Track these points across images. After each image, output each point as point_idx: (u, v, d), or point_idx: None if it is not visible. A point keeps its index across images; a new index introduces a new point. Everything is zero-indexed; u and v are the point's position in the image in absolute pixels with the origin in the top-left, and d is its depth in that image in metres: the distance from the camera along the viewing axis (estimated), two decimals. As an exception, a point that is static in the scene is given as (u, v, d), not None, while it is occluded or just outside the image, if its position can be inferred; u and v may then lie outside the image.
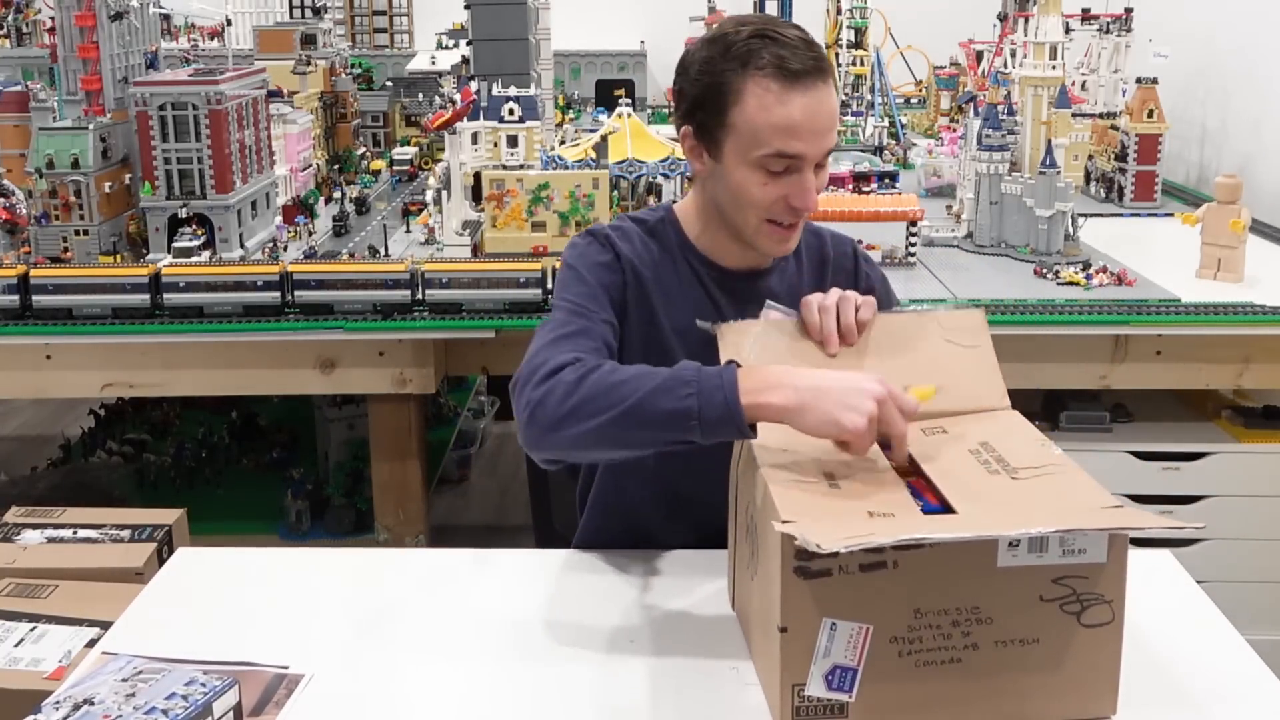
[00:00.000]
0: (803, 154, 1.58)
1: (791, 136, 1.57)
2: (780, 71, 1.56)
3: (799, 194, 1.61)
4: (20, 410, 4.84)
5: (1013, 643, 1.24)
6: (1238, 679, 1.38)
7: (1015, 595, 1.24)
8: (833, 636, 1.23)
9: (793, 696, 1.25)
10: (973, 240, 3.32)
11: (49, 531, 2.41)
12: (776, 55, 1.57)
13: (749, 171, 1.61)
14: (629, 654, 1.43)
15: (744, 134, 1.59)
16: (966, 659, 1.24)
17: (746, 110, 1.58)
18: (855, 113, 4.72)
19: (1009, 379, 1.54)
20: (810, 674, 1.24)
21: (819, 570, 1.21)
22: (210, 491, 3.76)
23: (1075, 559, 1.23)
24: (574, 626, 1.50)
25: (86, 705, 1.21)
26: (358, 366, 2.93)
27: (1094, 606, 1.25)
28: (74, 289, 2.85)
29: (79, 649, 2.00)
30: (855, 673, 1.23)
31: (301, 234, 3.45)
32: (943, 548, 1.21)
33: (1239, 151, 4.09)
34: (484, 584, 1.62)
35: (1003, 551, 1.22)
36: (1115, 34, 4.26)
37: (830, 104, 1.60)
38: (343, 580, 1.65)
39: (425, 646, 1.47)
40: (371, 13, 5.68)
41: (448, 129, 3.33)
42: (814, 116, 1.57)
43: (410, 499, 3.14)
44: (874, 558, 1.21)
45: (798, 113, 1.56)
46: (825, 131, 1.60)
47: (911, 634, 1.23)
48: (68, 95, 3.24)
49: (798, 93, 1.56)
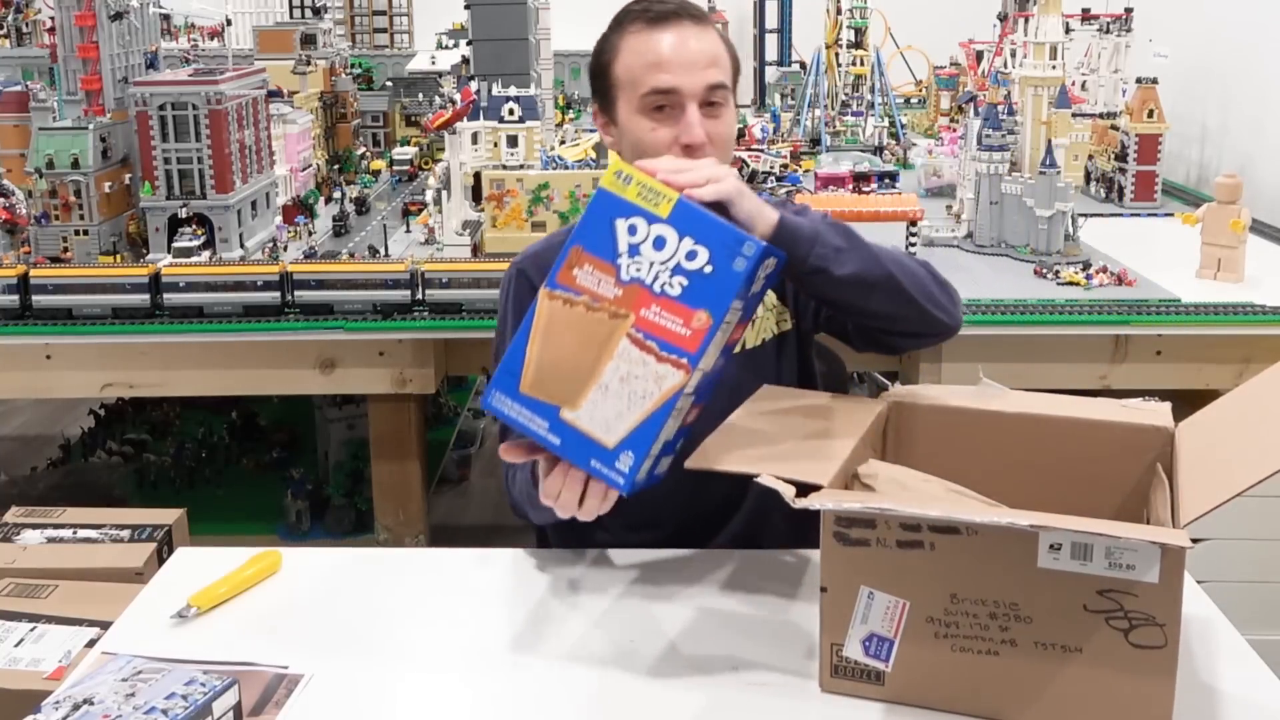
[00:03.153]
0: (676, 86, 1.64)
1: (661, 70, 1.64)
2: (645, 16, 1.68)
3: (685, 130, 1.64)
4: (20, 410, 4.84)
5: (1054, 647, 1.22)
6: (1238, 679, 1.38)
7: (1056, 599, 1.21)
8: (870, 605, 1.26)
9: (831, 654, 1.29)
10: (973, 240, 3.32)
11: (49, 531, 2.41)
12: (644, 7, 1.68)
13: (639, 119, 1.67)
14: (629, 654, 1.43)
15: (625, 83, 1.68)
16: (1005, 654, 1.23)
17: (623, 60, 1.69)
18: (855, 113, 4.72)
19: (1010, 379, 1.53)
20: (848, 636, 1.27)
21: (857, 539, 1.25)
22: (210, 491, 3.77)
23: (1123, 574, 1.18)
24: (574, 626, 1.49)
25: (86, 705, 1.21)
26: (358, 366, 2.93)
27: (1143, 627, 1.19)
28: (74, 289, 2.85)
29: (79, 649, 2.00)
30: (892, 644, 1.26)
31: (301, 234, 3.46)
32: (981, 538, 1.21)
33: (1239, 151, 4.09)
34: (484, 584, 1.62)
35: (1043, 553, 1.20)
36: (1115, 34, 4.26)
37: (701, 42, 1.66)
38: (343, 580, 1.65)
39: (425, 646, 1.47)
40: (371, 13, 5.68)
41: (448, 129, 3.34)
42: (680, 49, 1.65)
43: (410, 499, 3.14)
44: (911, 536, 1.23)
45: (664, 47, 1.65)
46: (696, 65, 1.65)
47: (949, 617, 1.24)
48: (68, 95, 3.24)
49: (663, 31, 1.66)
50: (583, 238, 1.32)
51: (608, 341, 1.30)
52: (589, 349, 1.31)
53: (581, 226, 1.33)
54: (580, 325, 1.31)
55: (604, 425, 1.30)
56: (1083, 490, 1.48)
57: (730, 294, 1.28)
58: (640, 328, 1.29)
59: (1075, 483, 1.49)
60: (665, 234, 1.30)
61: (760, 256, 1.29)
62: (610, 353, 1.30)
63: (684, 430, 1.36)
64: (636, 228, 1.31)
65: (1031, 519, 1.17)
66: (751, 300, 1.35)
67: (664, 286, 1.29)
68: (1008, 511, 1.21)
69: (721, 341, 1.32)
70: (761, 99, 5.43)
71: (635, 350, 1.29)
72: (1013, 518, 1.18)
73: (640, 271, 1.30)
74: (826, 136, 4.56)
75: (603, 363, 1.30)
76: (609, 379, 1.30)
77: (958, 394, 1.56)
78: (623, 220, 1.31)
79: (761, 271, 1.32)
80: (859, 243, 1.55)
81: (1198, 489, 1.29)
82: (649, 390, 1.29)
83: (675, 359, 1.28)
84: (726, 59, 1.71)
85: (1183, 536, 1.16)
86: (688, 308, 1.29)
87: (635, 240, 1.30)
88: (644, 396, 1.29)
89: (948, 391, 1.57)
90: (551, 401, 1.32)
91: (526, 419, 1.33)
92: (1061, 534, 1.18)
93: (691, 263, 1.29)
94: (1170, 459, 1.47)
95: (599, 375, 1.30)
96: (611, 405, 1.30)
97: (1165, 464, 1.47)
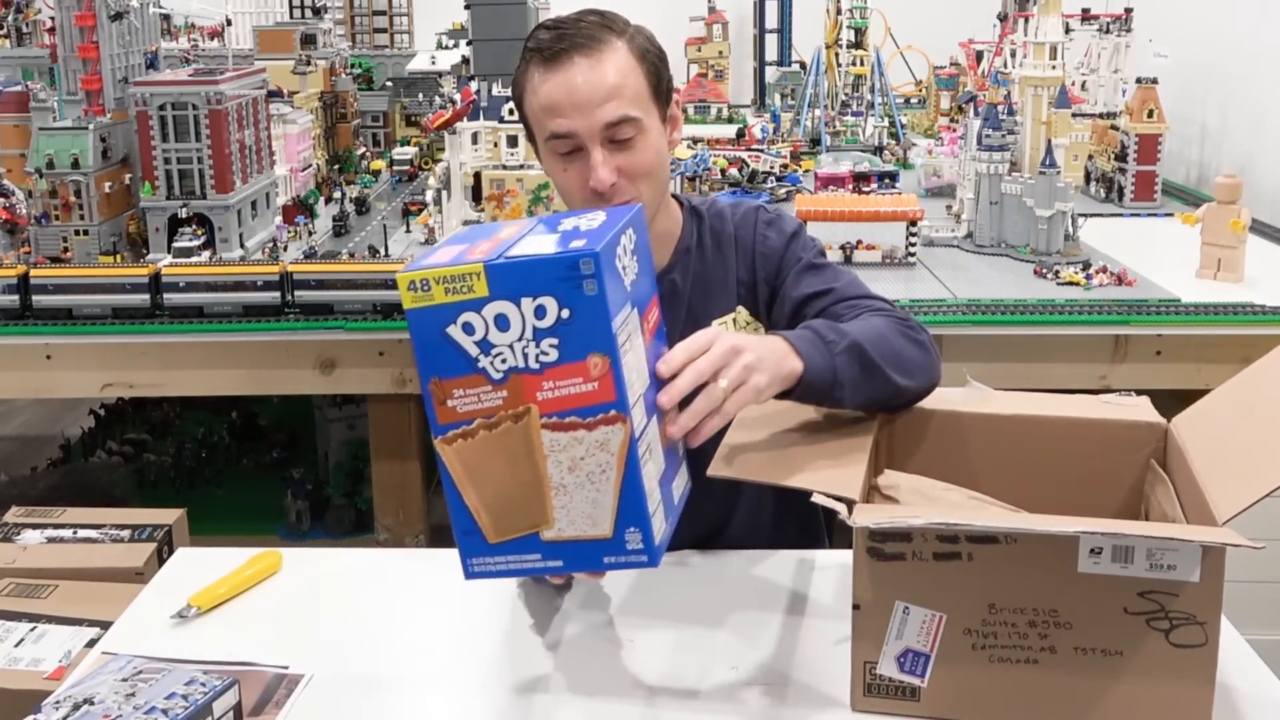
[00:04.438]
0: (573, 130, 1.56)
1: (556, 114, 1.56)
2: (538, 55, 1.58)
3: (591, 174, 1.57)
4: (20, 410, 4.84)
5: (1094, 651, 1.21)
6: (1238, 679, 1.38)
7: (1097, 603, 1.20)
8: (905, 620, 1.23)
9: (865, 673, 1.26)
10: (973, 240, 3.32)
11: (49, 531, 2.41)
12: (538, 42, 1.59)
13: (550, 161, 1.63)
14: (629, 654, 1.43)
15: (534, 123, 1.63)
16: (1044, 661, 1.22)
17: (528, 102, 1.62)
18: (855, 113, 4.72)
19: (1010, 379, 1.53)
20: (882, 653, 1.25)
21: (892, 554, 1.22)
22: (210, 491, 3.77)
23: (1163, 574, 1.17)
24: (574, 626, 1.49)
25: (86, 705, 1.21)
26: (358, 366, 2.93)
27: (1184, 627, 1.19)
28: (74, 289, 2.85)
29: (79, 649, 2.00)
30: (928, 659, 1.24)
31: (301, 234, 3.46)
32: (1019, 546, 1.20)
33: (1239, 151, 4.09)
34: (484, 584, 1.61)
35: (1084, 558, 1.19)
36: (1115, 34, 4.26)
37: (593, 75, 1.55)
38: (343, 580, 1.65)
39: (425, 646, 1.47)
40: (371, 13, 5.68)
41: (448, 129, 3.34)
42: (571, 92, 1.55)
43: (410, 499, 3.14)
44: (948, 547, 1.21)
45: (555, 91, 1.56)
46: (590, 104, 1.55)
47: (986, 628, 1.22)
48: (68, 95, 3.24)
49: (555, 72, 1.56)
50: (430, 369, 1.17)
51: (530, 445, 1.17)
52: (520, 464, 1.18)
53: (421, 359, 1.18)
54: (494, 448, 1.18)
55: (590, 521, 1.19)
56: (1081, 490, 1.48)
57: (604, 319, 1.14)
58: (548, 411, 1.16)
59: (1072, 482, 1.49)
60: (500, 310, 1.15)
61: (602, 260, 1.14)
62: (541, 453, 1.18)
63: (670, 451, 1.28)
64: (471, 324, 1.15)
65: (1075, 525, 1.16)
66: (638, 284, 1.24)
67: (540, 359, 1.15)
68: (1049, 519, 1.20)
69: (639, 355, 1.21)
70: (761, 99, 5.43)
71: (561, 435, 1.17)
72: (1057, 525, 1.16)
73: (507, 361, 1.16)
74: (826, 136, 4.56)
75: (542, 468, 1.18)
76: (559, 478, 1.18)
77: (947, 397, 1.56)
78: (452, 326, 1.16)
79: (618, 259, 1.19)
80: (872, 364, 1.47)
81: (1228, 486, 1.28)
82: (604, 462, 1.17)
83: (604, 416, 1.16)
84: (635, 78, 1.58)
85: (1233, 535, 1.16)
86: (576, 363, 1.15)
87: (479, 336, 1.16)
88: (603, 470, 1.17)
89: (937, 394, 1.57)
90: (526, 533, 1.21)
91: (516, 563, 1.22)
92: (1103, 538, 1.17)
93: (544, 320, 1.15)
94: (1164, 455, 1.47)
95: (548, 480, 1.18)
96: (581, 499, 1.19)
97: (1160, 460, 1.47)
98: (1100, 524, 1.16)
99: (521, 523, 1.20)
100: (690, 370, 1.28)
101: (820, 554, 1.64)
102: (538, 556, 1.21)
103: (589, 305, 1.14)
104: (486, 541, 1.22)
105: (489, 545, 1.22)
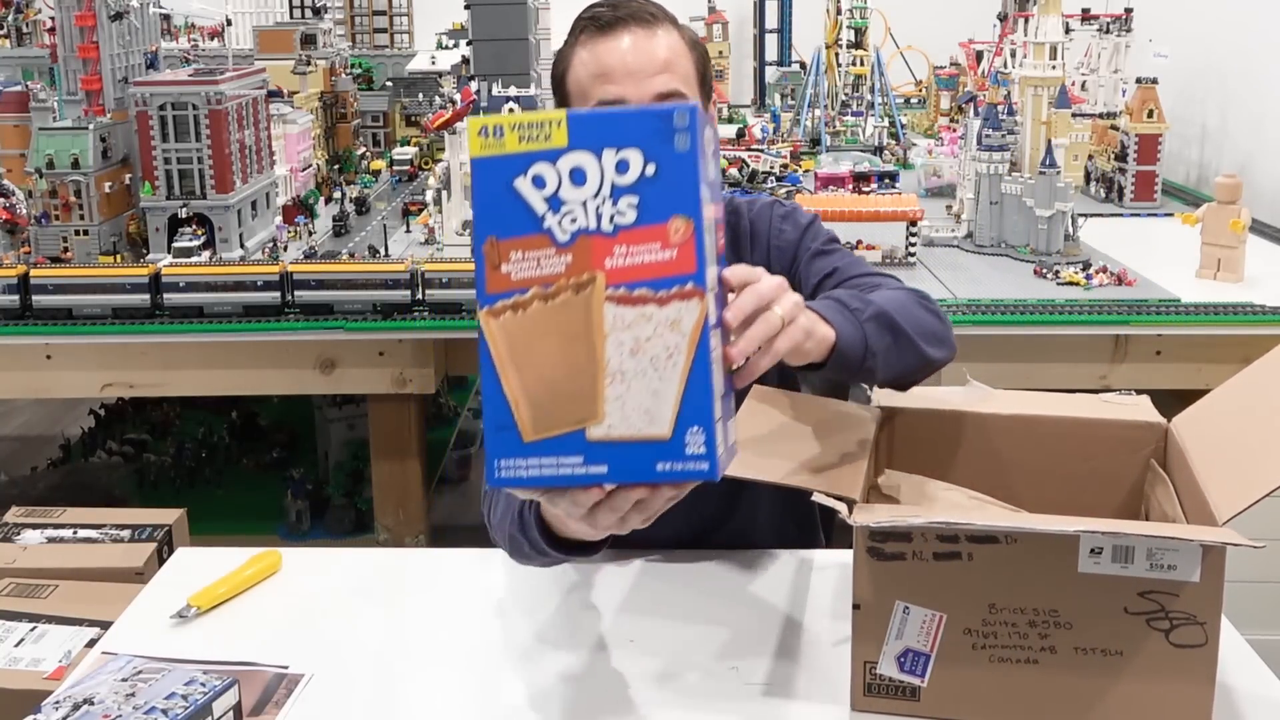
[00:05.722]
0: (622, 97, 1.56)
1: (606, 81, 1.57)
2: (594, 24, 1.60)
3: None
4: (20, 410, 4.84)
5: (1094, 651, 1.21)
6: (1238, 679, 1.38)
7: (1097, 603, 1.20)
8: (905, 620, 1.23)
9: (864, 673, 1.26)
10: (973, 240, 3.32)
11: (49, 531, 2.41)
12: (593, 13, 1.61)
13: None
14: (629, 654, 1.43)
15: (576, 96, 1.62)
16: (1044, 661, 1.22)
17: (574, 72, 1.62)
18: (855, 113, 4.72)
19: (1010, 379, 1.53)
20: (882, 653, 1.25)
21: (892, 554, 1.22)
22: (210, 491, 3.77)
23: (1164, 574, 1.17)
24: (574, 626, 1.49)
25: (86, 705, 1.21)
26: (358, 366, 2.93)
27: (1184, 626, 1.19)
28: (74, 289, 2.85)
29: (79, 649, 2.00)
30: (928, 659, 1.24)
31: (301, 234, 3.46)
32: (1020, 546, 1.20)
33: (1239, 151, 4.09)
34: (484, 584, 1.62)
35: (1084, 558, 1.19)
36: (1115, 34, 4.26)
37: (648, 45, 1.57)
38: (343, 580, 1.64)
39: (425, 646, 1.47)
40: (371, 13, 5.67)
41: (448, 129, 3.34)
42: (626, 58, 1.56)
43: (410, 499, 3.14)
44: (948, 547, 1.21)
45: (609, 57, 1.57)
46: (643, 73, 1.56)
47: (986, 628, 1.22)
48: (68, 95, 3.24)
49: (608, 39, 1.57)
50: (488, 226, 1.04)
51: (590, 321, 1.03)
52: (575, 344, 1.03)
53: (480, 214, 1.05)
54: (547, 323, 1.04)
55: (646, 417, 1.03)
56: (1081, 490, 1.48)
57: (693, 180, 1.02)
58: (616, 281, 1.03)
59: (1071, 482, 1.49)
60: (578, 162, 1.03)
61: (696, 116, 1.02)
62: (601, 331, 1.03)
63: (729, 382, 1.12)
64: (543, 177, 1.03)
65: (1075, 525, 1.16)
66: (714, 185, 1.10)
67: (615, 220, 1.02)
68: (1049, 519, 1.20)
69: (714, 243, 1.07)
70: (761, 99, 5.43)
71: (627, 310, 1.03)
72: (1057, 525, 1.16)
73: (577, 221, 1.03)
74: (826, 136, 4.56)
75: (599, 349, 1.03)
76: (618, 362, 1.03)
77: (947, 396, 1.56)
78: (521, 178, 1.04)
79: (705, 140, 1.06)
80: (900, 330, 1.46)
81: (1228, 486, 1.28)
82: (672, 344, 1.02)
83: (680, 290, 1.02)
84: (685, 61, 1.60)
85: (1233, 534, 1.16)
86: (655, 225, 1.02)
87: (549, 191, 1.03)
88: (670, 355, 1.02)
89: (937, 394, 1.56)
90: (569, 429, 1.04)
91: (553, 468, 1.05)
92: (1103, 538, 1.17)
93: (626, 175, 1.02)
94: (1164, 455, 1.47)
95: (604, 365, 1.03)
96: (640, 389, 1.03)
97: (1160, 460, 1.47)
98: (1100, 524, 1.16)
99: (566, 417, 1.04)
100: (750, 291, 1.16)
101: (820, 554, 1.64)
102: (579, 460, 1.04)
103: (678, 162, 1.02)
104: (521, 440, 1.05)
105: (524, 444, 1.05)
